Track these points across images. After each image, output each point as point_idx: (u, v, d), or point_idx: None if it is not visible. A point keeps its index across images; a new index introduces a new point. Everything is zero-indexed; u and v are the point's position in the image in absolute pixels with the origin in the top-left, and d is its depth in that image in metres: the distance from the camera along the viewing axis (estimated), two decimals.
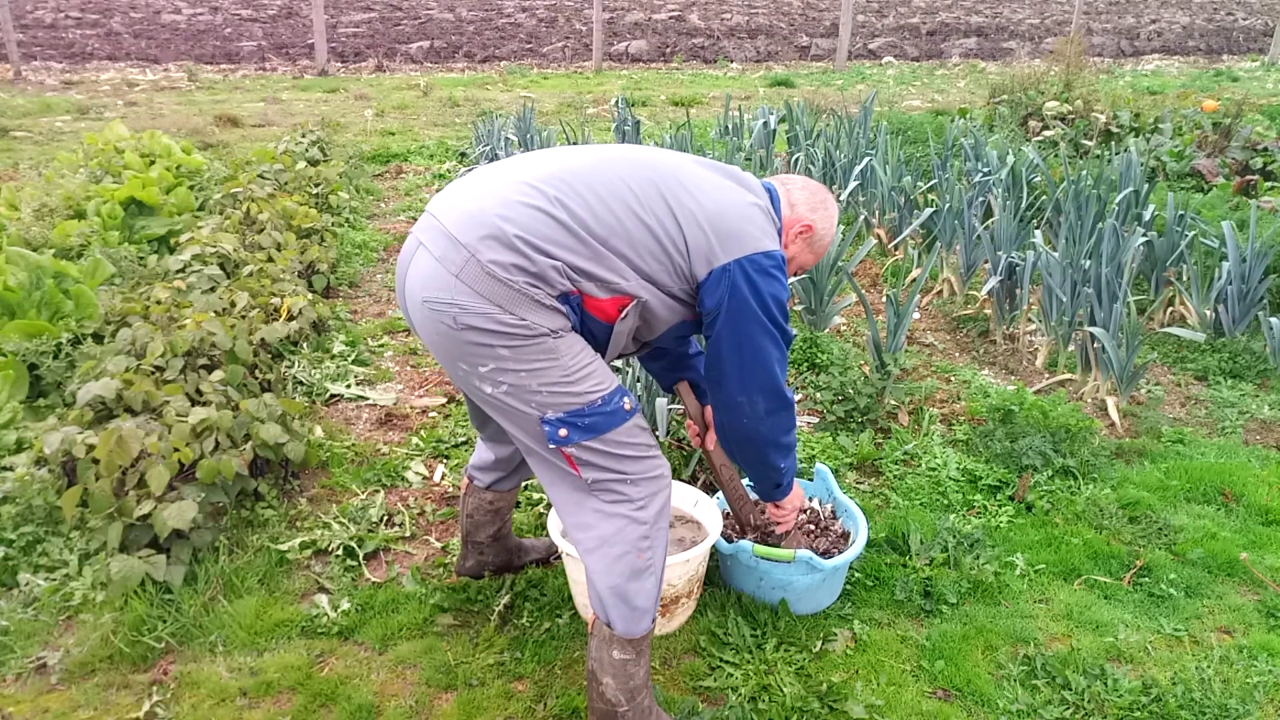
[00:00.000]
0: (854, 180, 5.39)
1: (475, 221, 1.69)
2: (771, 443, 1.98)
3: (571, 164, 1.79)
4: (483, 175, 1.81)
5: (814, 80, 11.38)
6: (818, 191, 2.06)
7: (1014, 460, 3.04)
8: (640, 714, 1.91)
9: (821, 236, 2.06)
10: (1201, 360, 3.85)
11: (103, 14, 14.78)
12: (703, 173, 1.88)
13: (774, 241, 1.87)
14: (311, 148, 6.34)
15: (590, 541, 1.83)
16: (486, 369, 1.73)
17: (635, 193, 1.76)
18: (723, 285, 1.78)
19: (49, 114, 8.45)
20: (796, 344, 3.87)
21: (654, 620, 1.89)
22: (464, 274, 1.67)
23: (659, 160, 1.86)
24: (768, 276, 1.82)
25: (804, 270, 2.12)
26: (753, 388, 1.87)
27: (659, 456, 1.88)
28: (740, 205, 1.85)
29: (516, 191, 1.73)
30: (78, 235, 4.22)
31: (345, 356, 3.87)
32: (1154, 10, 19.04)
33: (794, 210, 2.02)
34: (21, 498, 2.58)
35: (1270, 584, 2.51)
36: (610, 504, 1.82)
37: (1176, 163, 5.94)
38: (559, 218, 1.70)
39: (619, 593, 1.83)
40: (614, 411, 1.78)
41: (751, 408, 1.90)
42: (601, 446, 1.78)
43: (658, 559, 1.85)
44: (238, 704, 2.09)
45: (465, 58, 12.69)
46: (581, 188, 1.74)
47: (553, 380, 1.73)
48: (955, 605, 2.42)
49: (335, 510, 2.81)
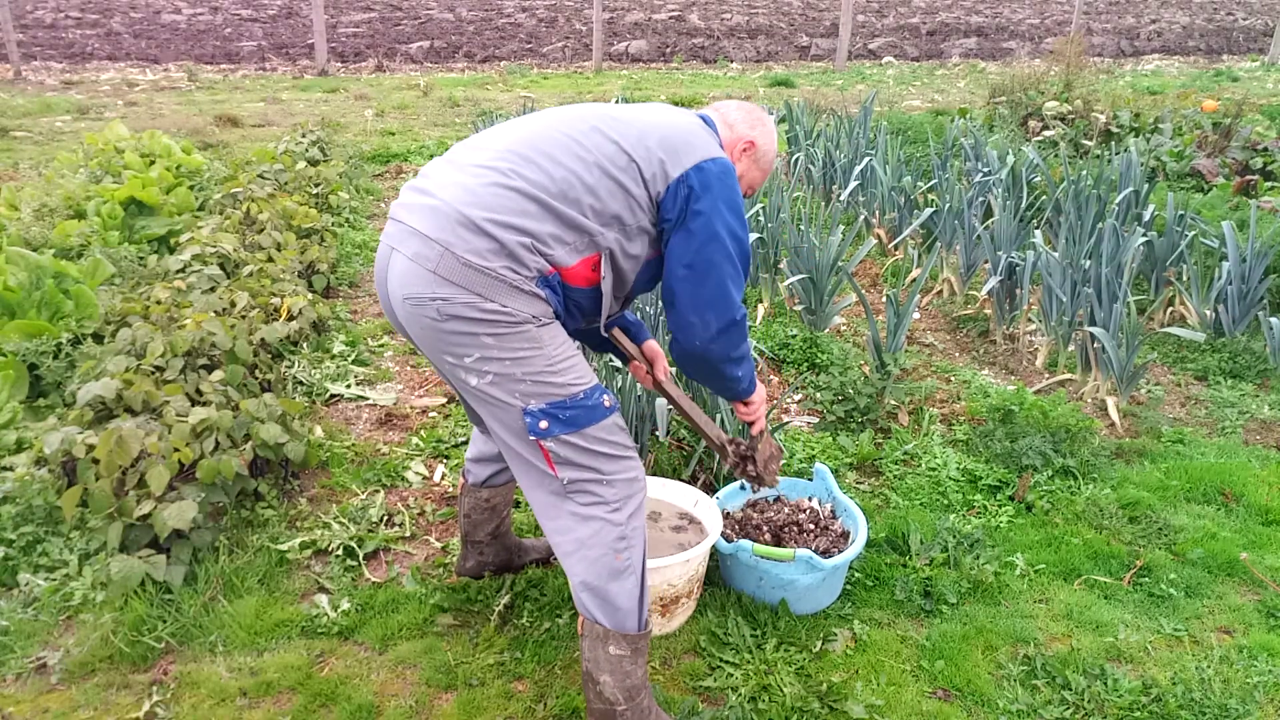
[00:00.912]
0: (854, 180, 5.40)
1: (441, 216, 1.72)
2: (724, 358, 1.95)
3: (516, 135, 1.84)
4: (434, 170, 1.85)
5: (814, 80, 11.38)
6: (753, 110, 2.10)
7: (1014, 460, 3.04)
8: (640, 714, 1.91)
9: (765, 153, 2.09)
10: (1201, 360, 3.85)
11: (103, 14, 14.78)
12: (636, 108, 1.95)
13: (720, 151, 1.91)
14: (311, 148, 6.34)
15: (568, 545, 1.85)
16: (472, 359, 1.75)
17: (579, 140, 1.81)
18: (679, 195, 1.82)
19: (49, 114, 8.45)
20: (797, 343, 3.87)
21: (644, 619, 1.89)
22: (441, 268, 1.70)
23: (594, 108, 1.92)
24: (721, 180, 1.84)
25: (753, 189, 2.13)
26: (704, 306, 1.86)
27: (635, 459, 1.90)
28: (681, 123, 1.90)
29: (472, 177, 1.77)
30: (78, 235, 4.22)
31: (345, 356, 3.87)
32: (1154, 10, 19.04)
33: (733, 130, 2.06)
34: (21, 498, 2.58)
35: (1270, 584, 2.51)
36: (586, 506, 1.84)
37: (1176, 163, 5.94)
38: (518, 187, 1.74)
39: (600, 594, 1.85)
40: (594, 406, 1.81)
41: (704, 327, 1.87)
42: (580, 442, 1.80)
43: (636, 559, 1.86)
44: (238, 704, 2.09)
45: (465, 58, 12.69)
46: (531, 153, 1.78)
47: (537, 369, 1.76)
48: (955, 605, 2.42)
49: (335, 510, 2.81)
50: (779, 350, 3.88)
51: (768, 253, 4.35)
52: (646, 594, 1.90)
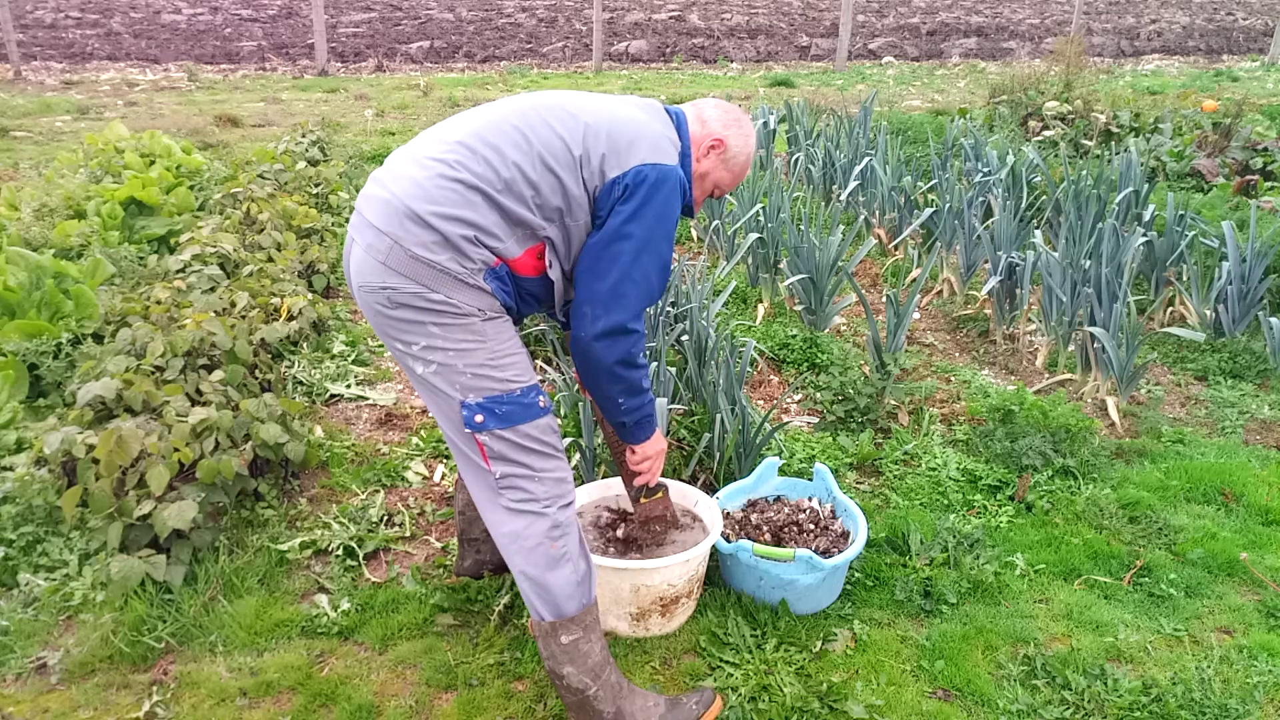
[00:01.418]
0: (854, 180, 5.40)
1: (390, 209, 1.77)
2: (605, 369, 1.88)
3: (467, 127, 1.85)
4: (392, 162, 1.88)
5: (814, 80, 11.38)
6: (731, 110, 2.08)
7: (1014, 460, 3.04)
8: (611, 690, 1.93)
9: (736, 154, 2.05)
10: (1201, 360, 3.85)
11: (103, 14, 14.79)
12: (593, 99, 1.93)
13: (668, 157, 1.89)
14: (311, 148, 6.34)
15: (504, 538, 1.89)
16: (419, 346, 1.80)
17: (525, 134, 1.82)
18: (612, 196, 1.83)
19: (49, 114, 8.45)
20: (797, 343, 3.87)
21: (585, 600, 1.91)
22: (390, 259, 1.76)
23: (548, 97, 1.92)
24: (654, 188, 1.83)
25: (721, 190, 2.11)
26: (597, 299, 1.83)
27: (564, 461, 1.93)
28: (629, 121, 1.89)
29: (420, 170, 1.80)
30: (78, 235, 4.22)
31: (345, 356, 3.87)
32: (1154, 10, 19.05)
33: (705, 126, 2.03)
34: (22, 498, 2.58)
35: (1270, 584, 2.51)
36: (517, 502, 1.87)
37: (1176, 163, 5.94)
38: (463, 179, 1.77)
39: (539, 583, 1.87)
40: (530, 405, 1.85)
41: (592, 319, 1.83)
42: (513, 438, 1.84)
43: (571, 545, 1.89)
44: (238, 704, 2.09)
45: (465, 58, 12.69)
46: (479, 145, 1.80)
47: (478, 362, 1.80)
48: (955, 605, 2.42)
49: (335, 510, 2.81)
50: (779, 350, 3.88)
51: (768, 253, 4.35)
52: (591, 573, 1.92)
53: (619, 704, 1.93)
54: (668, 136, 1.94)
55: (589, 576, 1.93)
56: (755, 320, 4.23)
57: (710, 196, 2.13)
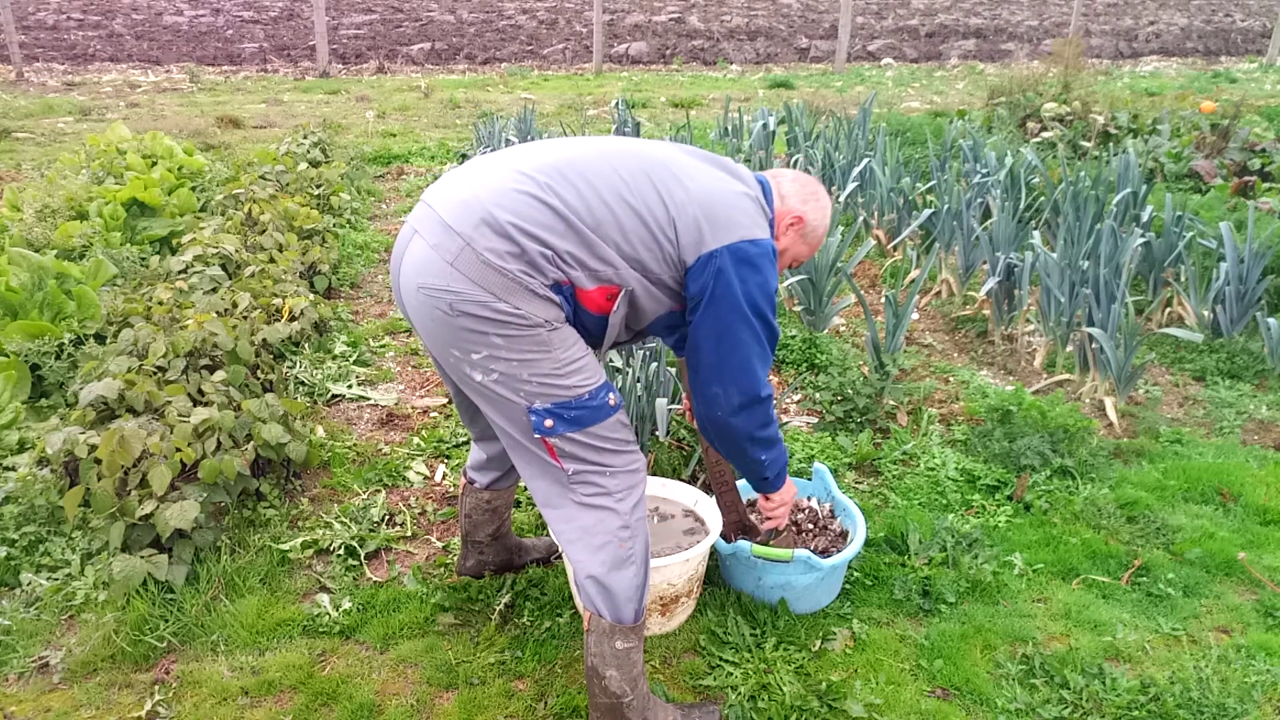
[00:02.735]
0: (853, 181, 5.41)
1: (469, 210, 1.72)
2: (747, 436, 1.96)
3: (565, 154, 1.82)
4: (477, 166, 1.84)
5: (813, 82, 11.39)
6: (809, 184, 2.08)
7: (1012, 460, 3.05)
8: (643, 701, 1.93)
9: (814, 229, 2.06)
10: (1199, 360, 3.86)
11: (104, 15, 14.80)
12: (694, 162, 1.91)
13: (764, 231, 1.88)
14: (313, 149, 6.36)
15: (572, 533, 1.86)
16: (479, 356, 1.75)
17: (626, 181, 1.79)
18: (708, 271, 1.80)
19: (51, 115, 8.46)
20: (796, 344, 3.88)
21: (643, 609, 1.91)
22: (459, 261, 1.69)
23: (651, 150, 1.89)
24: (754, 265, 1.83)
25: (798, 262, 2.13)
26: (728, 379, 1.86)
27: (637, 452, 1.92)
28: (730, 194, 1.87)
29: (510, 180, 1.76)
30: (80, 236, 4.23)
31: (347, 357, 3.88)
32: (1152, 12, 19.06)
33: (785, 202, 2.03)
34: (24, 498, 2.59)
35: (1268, 583, 2.52)
36: (590, 496, 1.85)
37: (1175, 164, 5.95)
38: (551, 204, 1.73)
39: (602, 583, 1.85)
40: (600, 406, 1.82)
41: (726, 399, 1.88)
42: (584, 439, 1.81)
43: (638, 549, 1.87)
44: (239, 703, 2.10)
45: (466, 59, 12.71)
46: (574, 176, 1.77)
47: (544, 372, 1.76)
48: (954, 604, 2.43)
49: (337, 510, 2.82)
50: (778, 351, 3.89)
51: None
52: (647, 585, 1.91)
53: (646, 715, 1.93)
54: (761, 210, 1.92)
55: (645, 587, 1.90)
56: None
57: (788, 268, 2.14)
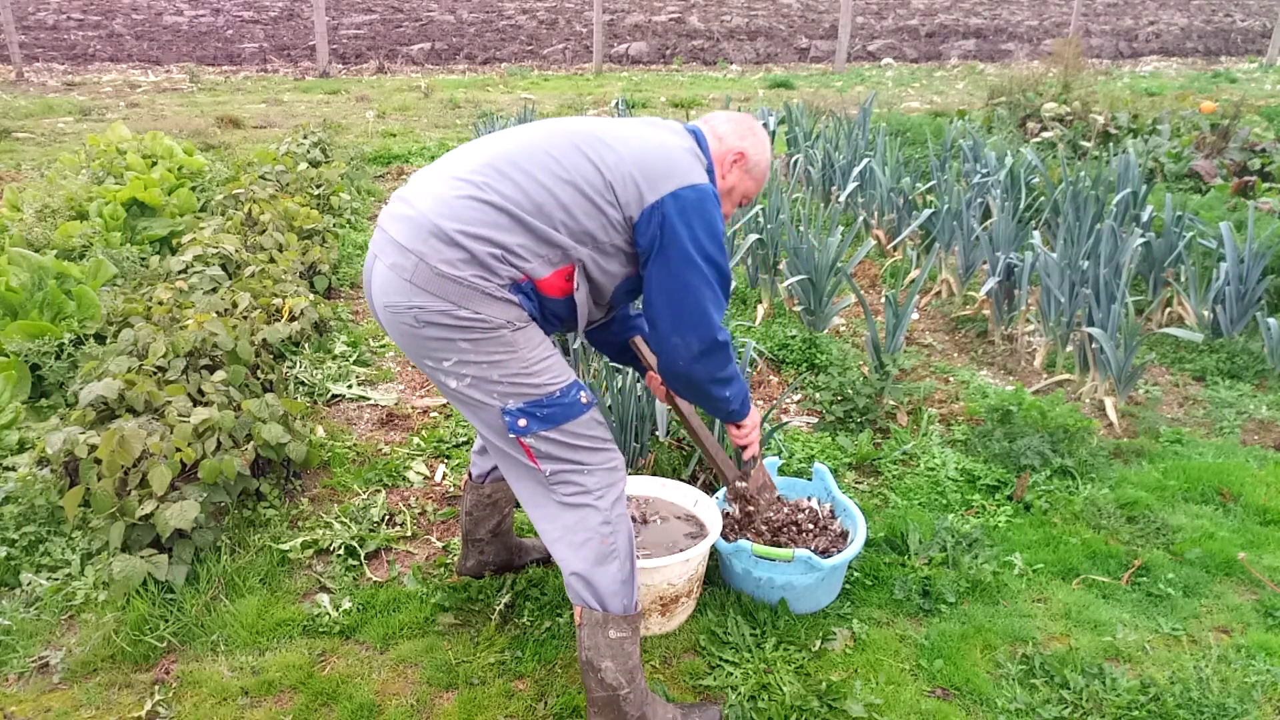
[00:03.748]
0: (853, 181, 5.41)
1: (416, 226, 1.78)
2: (709, 379, 1.99)
3: (497, 149, 1.87)
4: (418, 180, 1.90)
5: (813, 82, 11.39)
6: (743, 121, 2.10)
7: (1012, 460, 3.05)
8: (640, 695, 1.94)
9: (757, 162, 2.08)
10: (1199, 360, 3.86)
11: (104, 15, 14.80)
12: (623, 124, 1.95)
13: (702, 176, 1.90)
14: (313, 149, 6.36)
15: (555, 532, 1.91)
16: (450, 363, 1.81)
17: (558, 159, 1.83)
18: (653, 223, 1.83)
19: (51, 115, 8.47)
20: (796, 344, 3.88)
21: (634, 601, 1.93)
22: (415, 277, 1.76)
23: (579, 124, 1.94)
24: (697, 208, 1.85)
25: (748, 198, 2.15)
26: (685, 328, 1.89)
27: (614, 450, 1.95)
28: (662, 146, 1.90)
29: (449, 188, 1.81)
30: (80, 236, 4.23)
31: (347, 357, 3.88)
32: (1152, 12, 19.06)
33: (723, 142, 2.05)
34: (24, 498, 2.59)
35: (1268, 583, 2.52)
36: (570, 495, 1.89)
37: (1174, 164, 5.95)
38: (492, 201, 1.78)
39: (587, 578, 1.89)
40: (571, 404, 1.86)
41: (686, 348, 1.91)
42: (559, 437, 1.86)
43: (621, 543, 1.91)
44: (239, 703, 2.10)
45: (466, 59, 12.71)
46: (508, 169, 1.81)
47: (512, 371, 1.81)
48: (954, 604, 2.43)
49: (337, 510, 2.82)
50: (778, 351, 3.89)
51: (767, 254, 4.36)
52: (635, 576, 1.94)
53: (644, 710, 1.95)
54: (696, 156, 1.96)
55: (633, 579, 1.93)
56: (755, 321, 4.25)
57: (739, 206, 2.16)
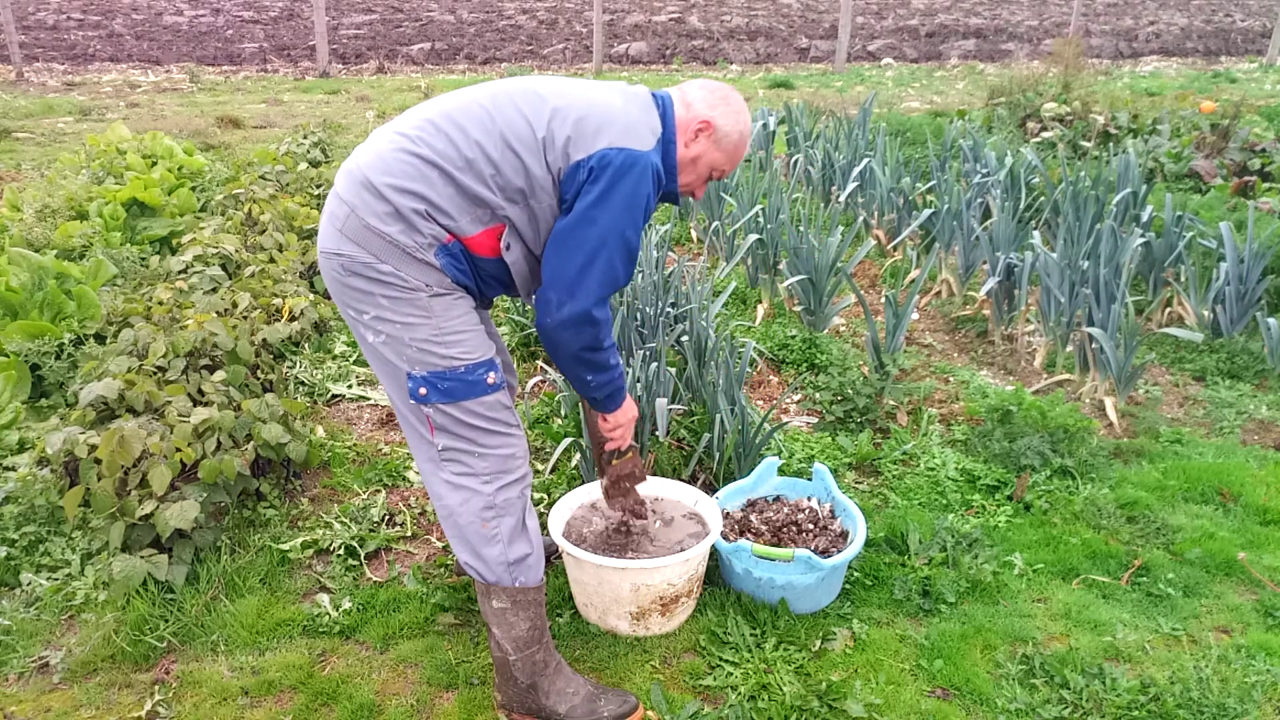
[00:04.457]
0: (853, 181, 5.41)
1: (353, 178, 1.82)
2: (572, 354, 1.89)
3: (441, 106, 1.88)
4: (369, 138, 1.91)
5: (813, 82, 11.39)
6: (718, 90, 2.02)
7: (1012, 460, 3.05)
8: (531, 665, 2.00)
9: (727, 134, 1.99)
10: (1199, 360, 3.86)
11: (104, 15, 14.81)
12: (571, 84, 1.92)
13: (641, 142, 1.84)
14: (313, 149, 6.36)
15: (441, 510, 1.95)
16: (369, 316, 1.84)
17: (493, 114, 1.83)
18: (576, 179, 1.82)
19: (51, 115, 8.47)
20: (796, 344, 3.88)
21: (513, 582, 1.95)
22: (346, 227, 1.80)
23: (523, 81, 1.92)
24: (621, 173, 1.79)
25: (720, 172, 2.06)
26: (561, 286, 1.81)
27: (517, 440, 1.95)
28: (603, 105, 1.87)
29: (387, 143, 1.83)
30: (80, 236, 4.23)
31: (347, 357, 3.88)
32: (1152, 12, 19.06)
33: (690, 109, 1.98)
34: (24, 498, 2.59)
35: (1268, 583, 2.52)
36: (457, 475, 1.91)
37: (1175, 164, 5.95)
38: (422, 155, 1.79)
39: (473, 554, 1.94)
40: (476, 382, 1.86)
41: (557, 305, 1.82)
42: (456, 413, 1.86)
43: (505, 528, 1.93)
44: (239, 703, 2.10)
45: (466, 59, 12.71)
46: (444, 124, 1.82)
47: (422, 337, 1.82)
48: (954, 604, 2.43)
49: (337, 510, 2.82)
50: (778, 351, 3.89)
51: (767, 254, 4.36)
52: (526, 564, 1.96)
53: (536, 679, 2.00)
54: (645, 122, 1.89)
55: (525, 563, 1.95)
56: (755, 321, 4.25)
57: (711, 179, 2.08)
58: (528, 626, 1.98)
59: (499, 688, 2.05)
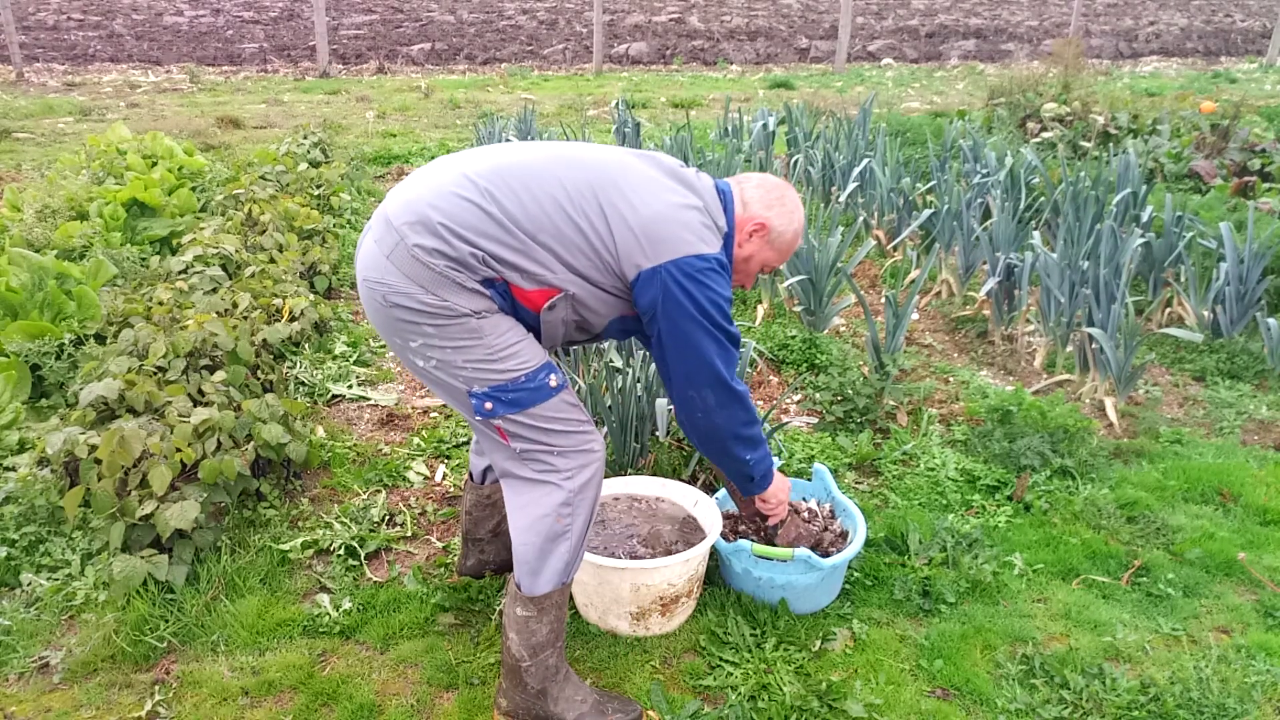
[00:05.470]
0: (853, 182, 5.41)
1: (408, 208, 1.80)
2: (730, 435, 2.01)
3: (511, 160, 1.87)
4: (432, 167, 1.91)
5: (813, 82, 11.39)
6: (774, 189, 2.06)
7: (1012, 460, 3.05)
8: (544, 671, 1.99)
9: (781, 234, 2.05)
10: (1199, 361, 3.86)
11: (105, 16, 14.81)
12: (645, 175, 1.91)
13: (710, 245, 1.90)
14: (313, 149, 6.36)
15: (517, 501, 1.94)
16: (416, 344, 1.84)
17: (569, 192, 1.83)
18: (654, 287, 1.84)
19: (51, 115, 8.47)
20: (796, 344, 3.88)
21: (559, 584, 1.95)
22: (393, 256, 1.79)
23: (600, 160, 1.91)
24: (699, 280, 1.85)
25: (770, 268, 2.12)
26: (699, 383, 1.92)
27: (590, 432, 1.96)
28: (676, 209, 1.88)
29: (452, 183, 1.82)
30: (80, 236, 4.23)
31: (347, 357, 3.88)
32: (1152, 12, 19.06)
33: (747, 209, 2.03)
34: (24, 498, 2.60)
35: (1268, 584, 2.52)
36: (539, 472, 1.92)
37: (1174, 164, 5.95)
38: (487, 210, 1.79)
39: (533, 551, 1.93)
40: (538, 388, 1.87)
41: (702, 402, 1.94)
42: (527, 420, 1.87)
43: (576, 526, 1.93)
44: (239, 703, 2.10)
45: (466, 60, 12.71)
46: (515, 183, 1.82)
47: (477, 358, 1.83)
48: (954, 605, 2.43)
49: (337, 510, 2.82)
50: (779, 351, 3.89)
51: None
52: (575, 563, 1.97)
53: (546, 685, 2.00)
54: (712, 224, 1.93)
55: (576, 561, 1.97)
56: (755, 321, 4.25)
57: (762, 273, 2.15)
58: (547, 632, 1.98)
59: (505, 693, 2.03)
